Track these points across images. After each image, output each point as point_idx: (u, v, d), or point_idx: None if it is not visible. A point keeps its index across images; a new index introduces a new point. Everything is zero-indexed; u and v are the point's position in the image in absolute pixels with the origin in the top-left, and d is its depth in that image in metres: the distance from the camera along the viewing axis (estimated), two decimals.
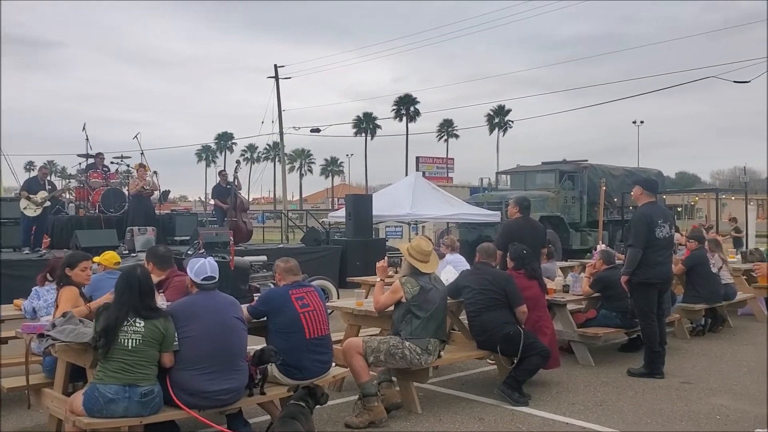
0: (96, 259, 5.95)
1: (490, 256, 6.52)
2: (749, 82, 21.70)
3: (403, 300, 5.48)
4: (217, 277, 4.58)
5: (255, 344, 5.00)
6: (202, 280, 4.51)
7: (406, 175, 31.69)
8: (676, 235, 9.46)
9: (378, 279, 5.97)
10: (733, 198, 33.46)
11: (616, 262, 8.07)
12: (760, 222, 31.30)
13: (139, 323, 4.14)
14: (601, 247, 10.47)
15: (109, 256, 5.99)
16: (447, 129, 76.74)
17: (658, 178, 22.22)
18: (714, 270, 9.42)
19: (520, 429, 5.20)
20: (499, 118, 74.73)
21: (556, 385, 6.45)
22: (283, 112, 38.24)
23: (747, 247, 16.24)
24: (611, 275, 7.61)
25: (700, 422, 5.38)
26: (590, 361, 7.34)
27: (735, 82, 22.27)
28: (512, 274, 6.48)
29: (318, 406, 4.69)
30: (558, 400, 5.99)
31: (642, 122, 70.91)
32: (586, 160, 22.06)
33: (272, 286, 7.23)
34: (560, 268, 10.03)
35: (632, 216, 7.67)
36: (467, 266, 7.83)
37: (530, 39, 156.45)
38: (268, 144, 70.80)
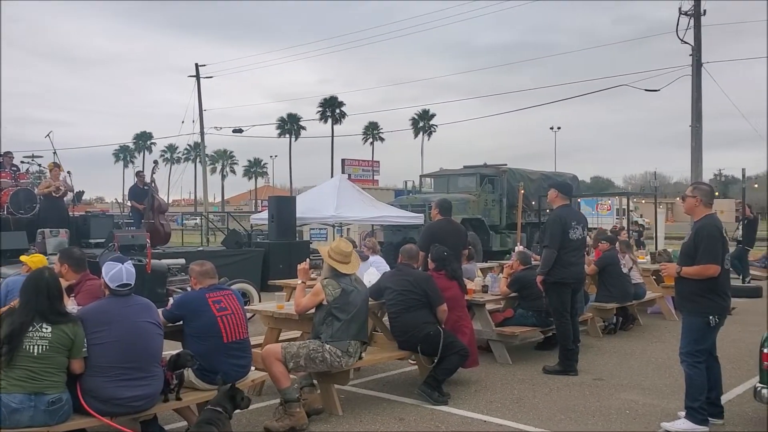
0: (23, 258, 5.70)
1: (413, 258, 6.58)
2: (659, 90, 22.78)
3: (325, 302, 5.47)
4: (133, 283, 4.44)
5: (173, 349, 4.88)
6: (116, 286, 4.37)
7: (332, 177, 31.58)
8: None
9: (299, 281, 5.94)
10: (643, 201, 34.94)
11: (532, 262, 8.30)
12: (668, 224, 32.82)
13: (46, 329, 3.97)
14: (518, 248, 10.76)
15: (38, 260, 5.72)
16: (372, 132, 77.08)
17: (573, 182, 23.04)
18: (624, 270, 9.82)
19: (439, 428, 5.27)
20: (423, 122, 75.64)
21: (474, 384, 6.58)
22: (204, 112, 37.51)
23: (656, 248, 16.99)
24: (527, 275, 7.82)
25: (611, 417, 5.59)
26: (508, 359, 7.52)
27: (646, 90, 23.34)
28: (433, 275, 6.57)
29: (237, 411, 4.62)
30: (476, 398, 6.11)
31: (559, 128, 73.31)
32: (506, 164, 22.61)
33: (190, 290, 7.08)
34: (480, 268, 10.23)
35: (547, 218, 7.90)
36: (388, 268, 7.89)
37: (452, 46, 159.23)
38: (188, 144, 69.47)
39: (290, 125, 76.46)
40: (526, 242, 19.45)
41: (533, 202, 21.49)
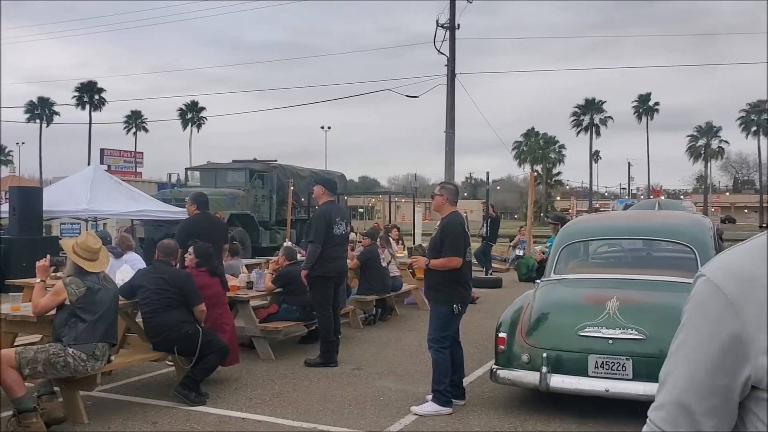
0: None
1: (170, 255, 6.29)
2: (418, 97, 24.30)
3: (67, 302, 5.02)
4: None
5: None
6: None
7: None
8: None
9: (38, 280, 5.38)
10: (403, 201, 37.08)
11: (298, 258, 8.39)
12: (425, 222, 35.19)
13: None
14: (286, 244, 10.81)
15: None
16: (136, 121, 72.79)
17: (340, 181, 23.74)
18: (384, 264, 10.32)
19: (195, 428, 5.11)
20: (192, 114, 73.15)
21: (235, 381, 6.48)
22: None
23: (414, 244, 18.12)
24: (292, 270, 7.88)
25: (366, 404, 5.83)
26: (270, 354, 7.52)
27: (407, 96, 24.72)
28: (193, 272, 6.35)
29: None
30: (236, 396, 6.02)
31: (329, 128, 75.00)
32: (276, 161, 22.63)
33: None
34: (246, 265, 10.12)
35: (313, 214, 8.04)
36: (144, 265, 7.48)
37: (221, 39, 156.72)
38: None
39: (41, 110, 69.46)
40: (296, 238, 19.63)
41: (303, 199, 21.78)
